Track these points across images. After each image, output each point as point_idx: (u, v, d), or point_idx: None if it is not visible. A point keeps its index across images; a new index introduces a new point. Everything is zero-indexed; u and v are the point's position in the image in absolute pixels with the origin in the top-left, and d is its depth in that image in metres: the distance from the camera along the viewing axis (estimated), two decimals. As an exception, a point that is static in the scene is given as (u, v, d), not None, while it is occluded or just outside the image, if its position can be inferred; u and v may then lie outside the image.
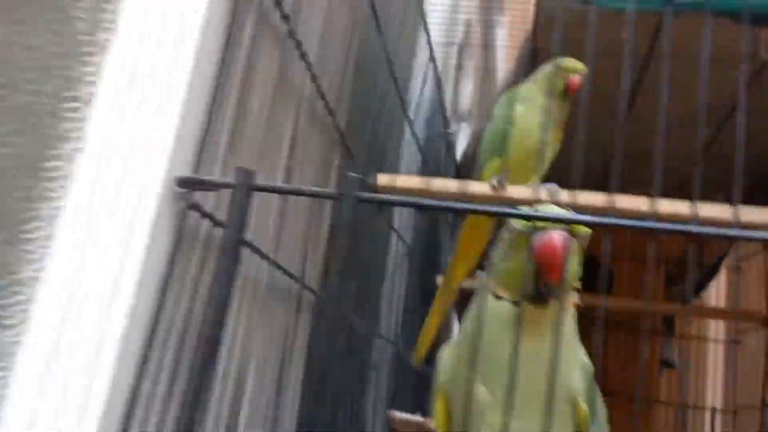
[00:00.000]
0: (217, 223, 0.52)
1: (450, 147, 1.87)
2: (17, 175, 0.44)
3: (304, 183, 0.76)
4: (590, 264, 0.52)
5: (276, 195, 0.71)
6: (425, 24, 1.33)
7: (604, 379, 2.01)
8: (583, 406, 0.54)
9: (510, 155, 1.18)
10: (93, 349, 0.46)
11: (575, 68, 1.16)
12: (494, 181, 1.11)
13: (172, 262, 0.50)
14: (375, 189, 1.16)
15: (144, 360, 0.48)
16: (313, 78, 0.74)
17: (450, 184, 1.13)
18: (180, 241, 0.50)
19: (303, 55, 0.68)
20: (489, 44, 1.74)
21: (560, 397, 0.53)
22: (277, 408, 0.51)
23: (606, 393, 1.89)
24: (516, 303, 0.52)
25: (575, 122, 0.49)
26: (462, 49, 1.80)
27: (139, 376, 0.47)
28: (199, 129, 0.51)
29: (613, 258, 2.11)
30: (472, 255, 1.30)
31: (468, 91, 1.97)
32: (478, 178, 1.23)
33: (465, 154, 1.88)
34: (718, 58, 1.30)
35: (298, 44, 0.65)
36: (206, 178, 0.49)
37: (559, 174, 1.18)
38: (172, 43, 0.50)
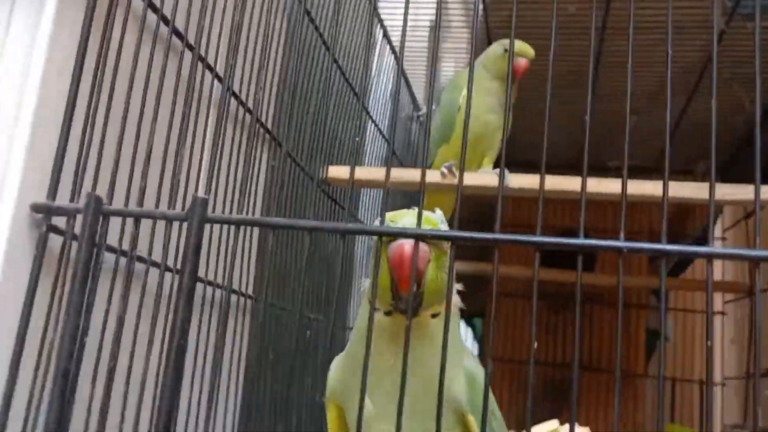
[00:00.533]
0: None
1: (425, 130, 1.84)
2: None
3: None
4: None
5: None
6: (373, 2, 1.30)
7: (590, 356, 1.99)
8: (469, 416, 0.52)
9: (458, 141, 1.16)
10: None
11: (522, 51, 1.13)
12: (443, 169, 1.10)
13: (35, 281, 0.49)
14: (327, 182, 1.15)
15: (12, 382, 0.48)
16: (219, 78, 0.73)
17: (397, 174, 1.11)
18: (40, 262, 0.49)
19: (202, 58, 0.67)
20: (472, 23, 1.70)
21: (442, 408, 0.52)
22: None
23: (594, 369, 1.87)
24: (388, 313, 0.51)
25: (542, 102, 0.48)
26: (437, 28, 1.76)
27: (7, 401, 0.47)
28: (53, 156, 0.50)
29: (595, 234, 2.09)
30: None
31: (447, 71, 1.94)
32: (429, 166, 1.21)
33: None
34: (678, 26, 1.27)
35: (190, 47, 0.63)
36: (57, 204, 0.49)
37: (536, 155, 1.15)
38: (18, 61, 0.49)
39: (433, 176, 1.11)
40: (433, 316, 0.51)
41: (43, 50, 0.51)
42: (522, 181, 1.03)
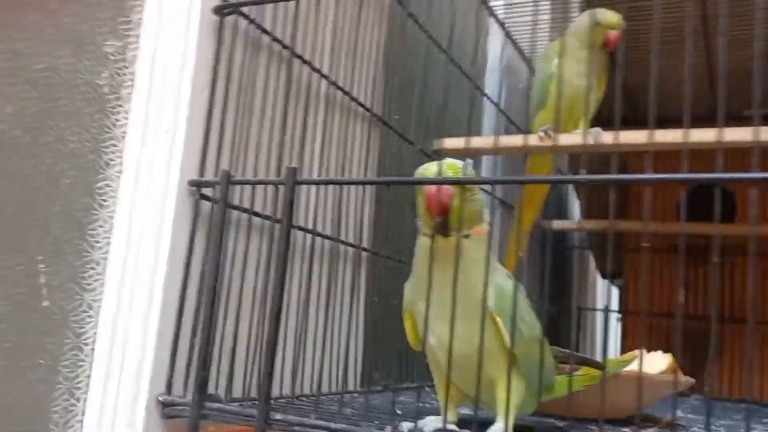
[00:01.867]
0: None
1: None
2: (79, 195, 0.70)
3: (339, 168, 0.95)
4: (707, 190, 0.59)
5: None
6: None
7: (731, 306, 1.99)
8: (496, 317, 0.68)
9: (553, 106, 1.27)
10: (144, 306, 0.72)
11: (612, 24, 1.21)
12: (540, 132, 1.22)
13: (193, 234, 0.73)
14: (440, 153, 1.32)
15: (182, 296, 0.72)
16: (324, 76, 0.93)
17: (502, 140, 1.26)
18: (195, 220, 0.73)
19: (306, 62, 0.88)
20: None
21: (476, 311, 0.68)
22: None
23: (736, 320, 1.88)
24: (431, 236, 0.68)
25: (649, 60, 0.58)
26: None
27: (180, 308, 0.72)
28: (200, 147, 0.74)
29: (733, 185, 2.05)
30: (536, 200, 1.41)
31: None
32: (530, 131, 1.34)
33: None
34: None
35: (305, 61, 0.85)
36: (203, 179, 0.72)
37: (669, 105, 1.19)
38: (173, 88, 0.73)
39: (532, 140, 1.24)
40: (465, 236, 0.67)
41: (189, 72, 0.74)
42: (627, 138, 1.08)
